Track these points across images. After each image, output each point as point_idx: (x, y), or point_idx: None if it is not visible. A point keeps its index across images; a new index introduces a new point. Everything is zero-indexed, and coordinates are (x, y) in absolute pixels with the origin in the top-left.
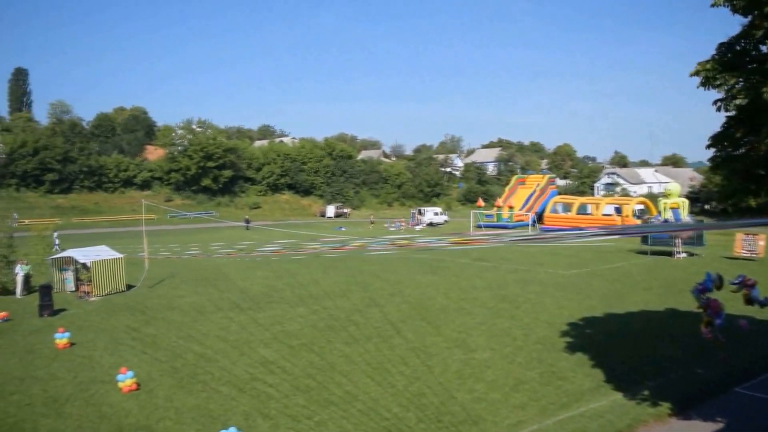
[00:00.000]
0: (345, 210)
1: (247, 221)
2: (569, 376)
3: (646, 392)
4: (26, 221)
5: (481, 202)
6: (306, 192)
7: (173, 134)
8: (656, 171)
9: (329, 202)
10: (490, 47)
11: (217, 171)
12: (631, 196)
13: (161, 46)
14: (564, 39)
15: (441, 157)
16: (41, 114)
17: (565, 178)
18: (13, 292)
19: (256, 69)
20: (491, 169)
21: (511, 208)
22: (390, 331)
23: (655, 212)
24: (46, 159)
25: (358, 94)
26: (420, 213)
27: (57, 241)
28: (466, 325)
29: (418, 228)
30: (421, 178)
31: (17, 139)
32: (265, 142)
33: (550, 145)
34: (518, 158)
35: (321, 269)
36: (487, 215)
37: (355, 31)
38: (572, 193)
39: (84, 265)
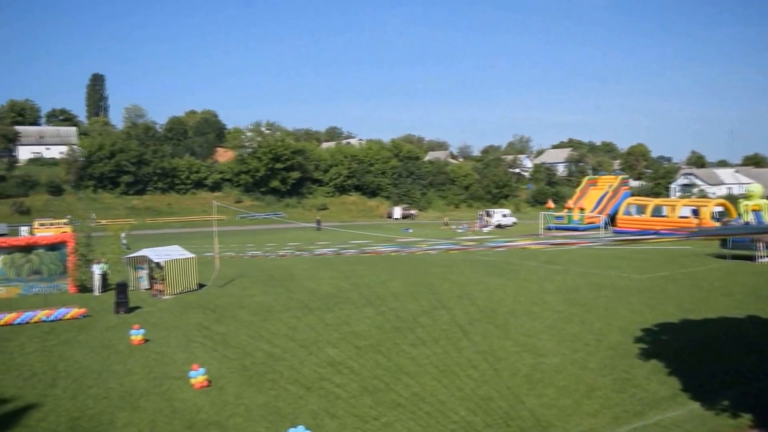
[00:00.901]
0: (412, 211)
1: (319, 222)
2: (644, 384)
3: (725, 402)
4: (103, 221)
5: (551, 204)
6: (373, 193)
7: (243, 137)
8: (736, 171)
9: (396, 204)
10: (559, 46)
11: (285, 172)
12: (710, 198)
13: (231, 50)
14: (637, 35)
15: (509, 157)
16: (117, 118)
17: (638, 179)
18: (92, 290)
19: (323, 71)
20: (561, 169)
21: (582, 209)
22: (457, 333)
23: (735, 214)
24: (122, 161)
25: (424, 95)
26: (488, 214)
27: (124, 241)
28: (535, 329)
29: (486, 230)
30: (489, 180)
31: (95, 143)
32: (332, 144)
33: (623, 145)
34: (589, 159)
35: (387, 271)
36: (558, 217)
37: (422, 34)
38: (646, 195)
39: (158, 264)
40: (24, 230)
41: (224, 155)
